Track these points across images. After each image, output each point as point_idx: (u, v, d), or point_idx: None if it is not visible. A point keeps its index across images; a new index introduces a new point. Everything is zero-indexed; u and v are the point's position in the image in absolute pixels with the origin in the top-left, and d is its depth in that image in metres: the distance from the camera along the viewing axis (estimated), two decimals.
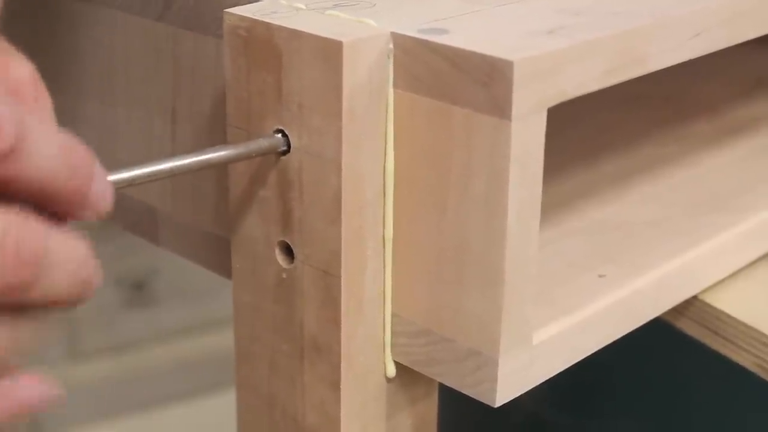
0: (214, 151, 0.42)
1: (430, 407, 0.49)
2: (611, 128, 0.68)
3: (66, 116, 0.58)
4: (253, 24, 0.43)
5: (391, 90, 0.42)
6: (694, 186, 0.60)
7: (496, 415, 0.44)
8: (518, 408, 0.52)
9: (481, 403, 0.43)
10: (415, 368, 0.45)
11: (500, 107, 0.39)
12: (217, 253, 0.51)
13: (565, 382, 0.49)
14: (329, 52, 0.40)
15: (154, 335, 1.47)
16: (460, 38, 0.41)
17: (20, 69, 0.36)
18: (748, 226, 0.56)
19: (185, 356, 1.49)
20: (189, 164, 0.41)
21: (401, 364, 0.46)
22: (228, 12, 0.43)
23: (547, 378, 0.46)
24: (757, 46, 0.68)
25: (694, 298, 0.55)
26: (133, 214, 0.56)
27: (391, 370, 0.46)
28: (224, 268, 0.49)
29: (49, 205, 0.33)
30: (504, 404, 0.43)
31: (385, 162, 0.43)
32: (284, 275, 0.45)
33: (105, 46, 0.54)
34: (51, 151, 0.32)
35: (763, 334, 0.53)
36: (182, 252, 0.54)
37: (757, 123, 0.70)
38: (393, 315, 0.45)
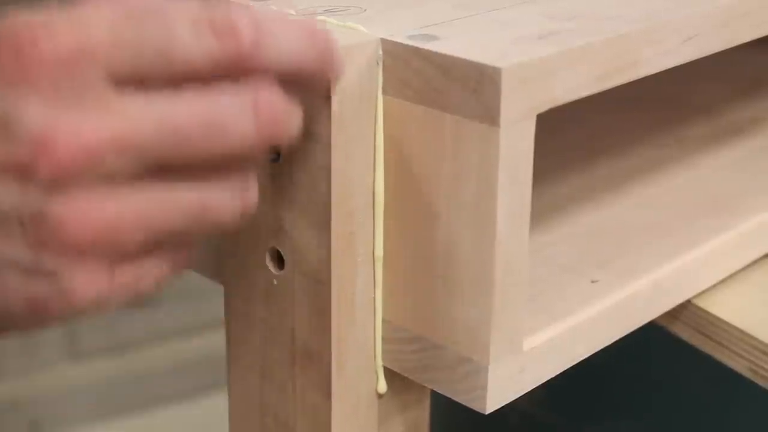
0: None
1: (422, 414, 0.49)
2: (607, 131, 0.67)
3: None
4: None
5: (380, 96, 0.42)
6: (690, 189, 0.60)
7: (492, 416, 0.44)
8: (514, 409, 0.52)
9: None
10: (407, 375, 0.45)
11: (489, 114, 0.39)
12: (210, 259, 0.50)
13: (559, 385, 0.49)
14: None
15: (154, 335, 1.47)
16: (450, 45, 0.40)
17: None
18: (743, 229, 0.56)
19: (184, 357, 1.49)
20: None
21: (393, 371, 0.46)
22: None
23: (539, 384, 0.46)
24: (754, 48, 0.68)
25: (688, 302, 0.54)
26: None
27: (383, 386, 0.46)
28: (217, 274, 0.49)
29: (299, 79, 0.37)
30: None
31: (374, 168, 0.43)
32: (275, 282, 0.45)
33: None
34: (291, 39, 0.36)
35: (756, 339, 0.53)
36: None
37: (755, 125, 0.69)
38: (384, 321, 0.45)
